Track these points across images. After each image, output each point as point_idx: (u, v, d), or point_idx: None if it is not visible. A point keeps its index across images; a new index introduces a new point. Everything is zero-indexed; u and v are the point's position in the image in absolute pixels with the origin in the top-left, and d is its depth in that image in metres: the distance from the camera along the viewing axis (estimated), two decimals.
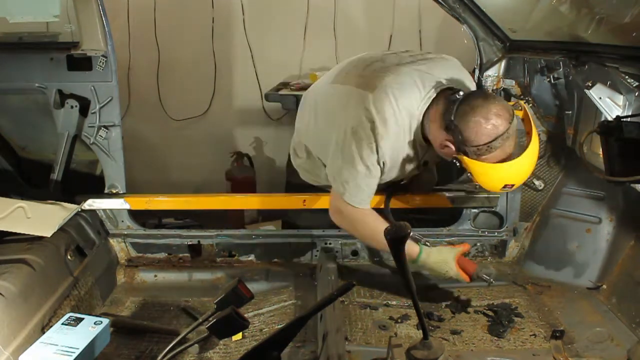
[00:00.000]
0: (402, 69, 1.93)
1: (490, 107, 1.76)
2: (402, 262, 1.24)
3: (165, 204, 2.51)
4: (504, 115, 1.76)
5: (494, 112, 1.75)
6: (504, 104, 1.81)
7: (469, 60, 2.49)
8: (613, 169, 1.74)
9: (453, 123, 1.78)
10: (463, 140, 1.78)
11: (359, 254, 2.39)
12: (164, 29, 3.98)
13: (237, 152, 4.02)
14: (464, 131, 1.77)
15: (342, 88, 1.99)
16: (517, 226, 2.41)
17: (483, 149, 1.77)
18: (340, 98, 1.98)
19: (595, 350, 1.77)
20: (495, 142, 1.76)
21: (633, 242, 2.03)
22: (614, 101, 1.79)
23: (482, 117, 1.75)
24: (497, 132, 1.75)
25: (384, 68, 1.95)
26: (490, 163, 1.80)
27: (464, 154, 1.81)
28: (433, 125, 1.87)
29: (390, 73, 1.91)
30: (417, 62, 1.98)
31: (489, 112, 1.75)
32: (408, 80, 1.89)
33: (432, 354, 1.28)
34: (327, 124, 2.04)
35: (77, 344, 1.72)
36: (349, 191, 1.93)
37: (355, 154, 1.88)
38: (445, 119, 1.81)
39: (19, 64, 2.23)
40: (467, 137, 1.77)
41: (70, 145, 2.32)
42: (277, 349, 1.33)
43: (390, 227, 1.21)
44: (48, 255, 1.97)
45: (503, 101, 1.84)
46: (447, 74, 1.96)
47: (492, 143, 1.76)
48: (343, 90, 1.98)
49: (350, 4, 4.00)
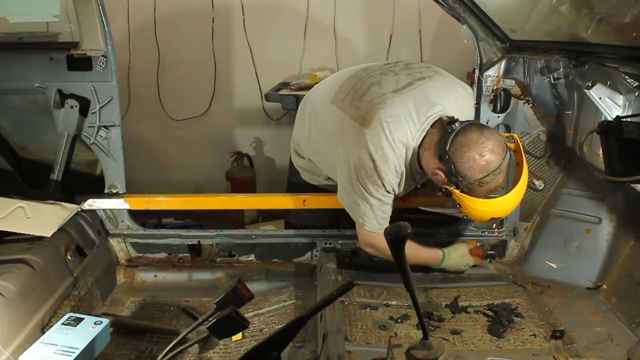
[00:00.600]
0: (397, 97, 1.91)
1: (486, 142, 1.77)
2: (402, 262, 1.24)
3: (165, 204, 2.51)
4: (498, 152, 1.77)
5: (489, 149, 1.76)
6: (499, 138, 1.81)
7: (469, 60, 2.49)
8: (613, 169, 1.74)
9: (447, 154, 1.79)
10: (455, 172, 1.80)
11: (359, 254, 2.39)
12: (164, 29, 3.98)
13: (237, 152, 4.02)
14: (457, 164, 1.78)
15: (339, 113, 1.99)
16: (517, 226, 2.41)
17: (475, 184, 1.80)
18: (337, 123, 1.99)
19: (595, 350, 1.77)
20: (487, 177, 1.78)
21: (633, 242, 2.03)
22: (614, 101, 1.79)
23: (477, 153, 1.76)
24: (489, 169, 1.77)
25: (380, 97, 1.92)
26: (480, 198, 1.83)
27: (454, 186, 1.83)
28: (427, 153, 1.88)
29: (386, 105, 1.89)
30: (413, 85, 1.95)
31: (483, 148, 1.76)
32: (403, 111, 1.88)
33: (432, 354, 1.27)
34: (327, 142, 2.06)
35: (77, 344, 1.72)
36: (369, 221, 1.99)
37: (364, 191, 1.93)
38: (440, 148, 1.82)
39: (19, 64, 2.23)
40: (459, 170, 1.79)
41: (70, 145, 2.32)
42: (277, 349, 1.33)
43: (390, 227, 1.21)
44: (48, 255, 1.97)
45: (498, 135, 1.84)
46: (444, 95, 1.95)
47: (484, 179, 1.78)
48: (340, 116, 1.98)
49: (350, 4, 4.00)
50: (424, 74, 2.02)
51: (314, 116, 2.14)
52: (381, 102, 1.91)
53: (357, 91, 2.00)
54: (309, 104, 2.22)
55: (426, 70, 2.04)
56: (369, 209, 1.96)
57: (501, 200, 1.89)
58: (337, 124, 1.99)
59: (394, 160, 1.89)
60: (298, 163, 2.34)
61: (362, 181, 1.91)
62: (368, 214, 1.97)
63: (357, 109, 1.94)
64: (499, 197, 1.89)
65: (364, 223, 2.00)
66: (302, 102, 2.30)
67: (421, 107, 1.89)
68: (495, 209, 1.90)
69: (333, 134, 2.03)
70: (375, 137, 1.86)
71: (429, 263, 2.20)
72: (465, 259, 2.22)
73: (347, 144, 1.94)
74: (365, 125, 1.88)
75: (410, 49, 4.00)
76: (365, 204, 1.95)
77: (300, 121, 2.26)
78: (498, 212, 1.94)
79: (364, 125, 1.88)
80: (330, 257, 2.30)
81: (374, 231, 1.99)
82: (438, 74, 2.05)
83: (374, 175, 1.89)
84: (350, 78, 2.09)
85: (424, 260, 2.18)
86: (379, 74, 2.05)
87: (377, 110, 1.89)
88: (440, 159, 1.82)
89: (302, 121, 2.23)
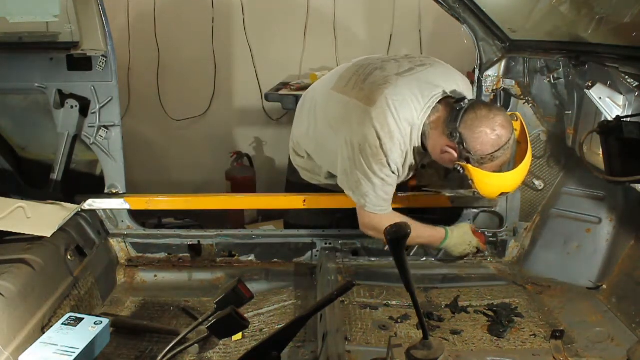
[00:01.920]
0: (401, 80, 1.95)
1: (496, 118, 1.84)
2: (402, 262, 1.24)
3: (165, 204, 2.51)
4: (507, 127, 1.85)
5: (499, 123, 1.83)
6: (506, 115, 1.89)
7: (469, 60, 2.49)
8: (613, 169, 1.74)
9: (457, 131, 1.83)
10: (467, 148, 1.84)
11: (359, 253, 2.39)
12: (164, 29, 3.98)
13: (237, 152, 4.03)
14: (469, 140, 1.83)
15: (342, 98, 2.01)
16: (517, 226, 2.41)
17: (487, 159, 1.85)
18: (340, 108, 2.00)
19: (595, 350, 1.77)
20: (498, 152, 1.84)
21: (633, 242, 2.03)
22: (614, 101, 1.79)
23: (489, 128, 1.82)
24: (500, 143, 1.83)
25: (384, 78, 1.96)
26: (489, 172, 1.88)
27: (466, 162, 1.87)
28: (434, 132, 1.91)
29: (390, 85, 1.92)
30: (415, 70, 2.00)
31: (494, 123, 1.83)
32: (407, 92, 1.91)
33: (432, 354, 1.28)
34: (328, 131, 2.06)
35: (77, 344, 1.72)
36: (370, 202, 1.98)
37: (367, 170, 1.92)
38: (449, 127, 1.85)
39: (19, 64, 2.23)
40: (472, 146, 1.83)
41: (70, 145, 2.32)
42: (277, 349, 1.34)
43: (390, 227, 1.21)
44: (48, 255, 1.97)
45: (505, 112, 1.92)
46: (445, 80, 1.99)
47: (496, 153, 1.84)
48: (343, 101, 2.00)
49: (350, 4, 4.01)
50: (424, 62, 2.07)
51: (313, 109, 2.15)
52: (385, 83, 1.93)
53: (360, 76, 2.02)
54: (308, 102, 2.23)
55: (426, 59, 2.10)
56: (372, 189, 1.95)
57: (512, 173, 1.95)
58: (340, 108, 2.00)
59: (400, 139, 1.90)
60: (297, 162, 2.34)
61: (366, 160, 1.90)
62: (370, 194, 1.96)
63: (361, 90, 1.96)
64: (509, 171, 1.95)
65: (365, 204, 1.98)
66: (300, 102, 2.31)
67: (425, 88, 1.93)
68: (506, 182, 1.96)
69: (334, 119, 2.03)
70: (382, 115, 1.88)
71: (432, 242, 2.18)
72: (468, 237, 2.18)
73: (351, 125, 1.94)
74: (371, 104, 1.89)
75: (410, 49, 4.00)
76: (368, 183, 1.94)
77: (299, 119, 2.27)
78: (508, 187, 1.99)
79: (369, 104, 1.90)
80: (330, 257, 2.30)
81: (375, 212, 1.99)
82: (438, 62, 2.10)
83: (379, 153, 1.89)
84: (352, 66, 2.12)
85: (426, 239, 2.16)
86: (380, 61, 2.08)
87: (382, 90, 1.91)
88: (451, 136, 1.85)
89: (301, 118, 2.24)
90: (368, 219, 2.03)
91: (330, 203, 2.29)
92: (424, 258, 2.39)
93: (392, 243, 1.22)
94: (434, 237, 2.16)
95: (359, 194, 1.98)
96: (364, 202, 1.98)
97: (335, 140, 2.00)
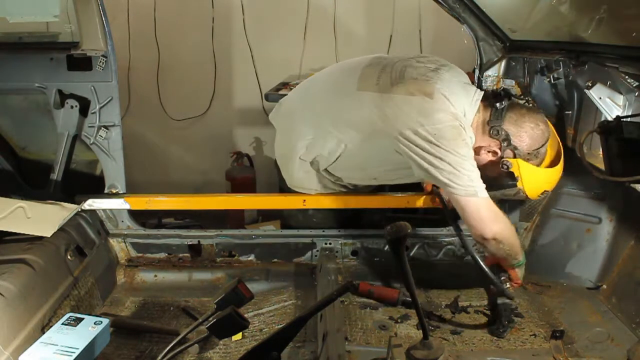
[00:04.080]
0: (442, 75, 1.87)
1: (537, 114, 1.90)
2: (403, 262, 1.24)
3: (165, 204, 2.51)
4: (546, 123, 1.92)
5: (541, 119, 1.90)
6: (542, 112, 1.95)
7: (469, 60, 2.49)
8: (613, 169, 1.74)
9: (502, 129, 1.86)
10: (514, 145, 1.87)
11: (359, 254, 2.39)
12: (164, 29, 3.98)
13: (237, 152, 4.03)
14: (515, 135, 1.86)
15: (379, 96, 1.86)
16: (517, 226, 2.40)
17: (533, 154, 1.89)
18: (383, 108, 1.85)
19: (595, 350, 1.77)
20: (543, 147, 1.90)
21: (633, 242, 2.03)
22: (614, 101, 1.80)
23: (533, 123, 1.88)
24: (545, 138, 1.90)
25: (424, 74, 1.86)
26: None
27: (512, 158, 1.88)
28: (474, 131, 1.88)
29: (438, 79, 1.84)
30: (441, 69, 1.93)
31: (537, 119, 1.89)
32: (455, 87, 1.86)
33: (432, 354, 1.28)
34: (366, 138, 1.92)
35: (77, 344, 1.72)
36: (479, 186, 1.76)
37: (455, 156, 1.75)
38: (493, 125, 1.87)
39: (19, 64, 2.23)
40: (519, 142, 1.87)
41: (70, 145, 2.32)
42: (277, 349, 1.34)
43: (391, 227, 1.21)
44: (48, 255, 1.97)
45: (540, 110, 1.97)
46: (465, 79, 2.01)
47: (541, 149, 1.90)
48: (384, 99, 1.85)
49: (350, 4, 4.01)
50: (441, 61, 2.00)
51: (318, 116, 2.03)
52: (430, 78, 1.85)
53: (392, 73, 1.90)
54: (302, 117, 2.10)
55: (440, 59, 2.03)
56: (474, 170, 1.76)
57: (557, 169, 1.98)
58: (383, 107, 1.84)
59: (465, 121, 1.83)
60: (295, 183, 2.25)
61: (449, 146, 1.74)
62: (474, 177, 1.75)
63: (406, 85, 1.83)
64: (553, 167, 1.97)
65: (476, 191, 1.74)
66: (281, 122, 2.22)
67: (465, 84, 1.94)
68: (552, 177, 1.99)
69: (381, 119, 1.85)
70: (444, 105, 1.79)
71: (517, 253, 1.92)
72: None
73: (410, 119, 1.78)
74: (428, 96, 1.79)
75: (410, 49, 3.99)
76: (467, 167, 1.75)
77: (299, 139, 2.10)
78: (551, 183, 2.01)
79: (427, 95, 1.78)
80: (330, 257, 2.30)
81: (487, 196, 1.77)
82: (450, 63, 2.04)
83: (460, 132, 1.75)
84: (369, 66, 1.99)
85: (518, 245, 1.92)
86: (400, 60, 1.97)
87: (432, 84, 1.82)
88: (497, 135, 1.87)
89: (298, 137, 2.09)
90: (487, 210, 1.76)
91: (330, 203, 2.29)
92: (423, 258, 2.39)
93: (392, 243, 1.22)
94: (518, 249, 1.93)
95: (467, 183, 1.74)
96: (473, 190, 1.74)
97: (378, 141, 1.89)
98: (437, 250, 2.33)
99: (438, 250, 2.34)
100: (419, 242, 2.35)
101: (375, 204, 2.30)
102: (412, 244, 2.36)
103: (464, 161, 1.76)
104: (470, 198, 1.76)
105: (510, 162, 1.89)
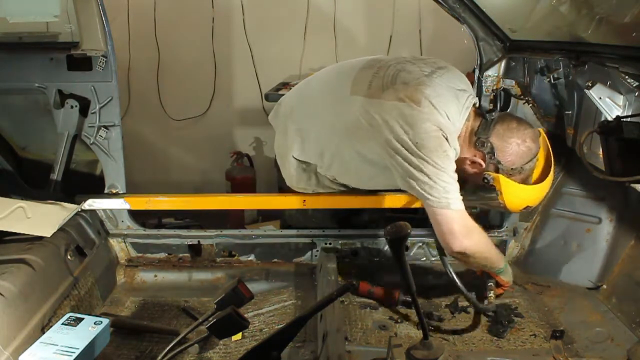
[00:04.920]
0: (434, 80, 1.84)
1: (526, 130, 1.87)
2: (402, 262, 1.24)
3: (165, 204, 2.51)
4: (535, 140, 1.88)
5: (529, 136, 1.86)
6: (534, 129, 1.91)
7: (469, 60, 2.49)
8: (613, 169, 1.75)
9: (488, 141, 1.84)
10: (497, 159, 1.85)
11: (359, 254, 2.39)
12: (164, 29, 3.99)
13: (237, 152, 4.03)
14: (500, 150, 1.84)
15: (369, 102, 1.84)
16: (517, 226, 2.41)
17: (517, 170, 1.86)
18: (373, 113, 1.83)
19: (595, 350, 1.77)
20: (527, 164, 1.87)
21: (633, 242, 2.03)
22: (614, 101, 1.79)
23: (520, 139, 1.85)
24: (531, 155, 1.87)
25: (416, 80, 1.83)
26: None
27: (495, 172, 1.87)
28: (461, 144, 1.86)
29: (427, 85, 1.81)
30: (437, 72, 1.90)
31: (525, 135, 1.86)
32: (444, 92, 1.82)
33: (432, 354, 1.28)
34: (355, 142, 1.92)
35: (77, 344, 1.72)
36: (454, 198, 1.74)
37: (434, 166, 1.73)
38: (480, 136, 1.86)
39: (19, 64, 2.23)
40: (503, 157, 1.85)
41: (70, 145, 2.32)
42: (277, 349, 1.34)
43: (390, 227, 1.21)
44: (48, 255, 1.97)
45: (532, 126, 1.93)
46: (465, 83, 1.97)
47: (525, 165, 1.87)
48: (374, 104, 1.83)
49: (350, 4, 4.01)
50: (438, 64, 1.96)
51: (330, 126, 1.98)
52: (421, 84, 1.81)
53: (384, 77, 1.88)
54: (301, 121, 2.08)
55: (438, 61, 1.99)
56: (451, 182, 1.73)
57: (540, 187, 1.96)
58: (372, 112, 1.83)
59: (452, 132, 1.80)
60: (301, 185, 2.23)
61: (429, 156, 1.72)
62: (450, 189, 1.72)
63: (396, 90, 1.81)
64: (537, 184, 1.96)
65: (449, 203, 1.71)
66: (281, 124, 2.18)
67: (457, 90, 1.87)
68: (533, 195, 1.97)
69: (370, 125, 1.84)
70: (431, 114, 1.76)
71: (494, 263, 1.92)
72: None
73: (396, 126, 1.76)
74: (415, 103, 1.76)
75: (410, 49, 4.00)
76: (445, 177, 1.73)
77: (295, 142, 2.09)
78: (534, 199, 2.00)
79: (414, 103, 1.76)
80: (330, 257, 2.30)
81: (459, 208, 1.74)
82: (448, 65, 2.01)
83: (441, 142, 1.73)
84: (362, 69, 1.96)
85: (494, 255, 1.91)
86: (394, 63, 1.94)
87: (421, 90, 1.78)
88: (482, 146, 1.85)
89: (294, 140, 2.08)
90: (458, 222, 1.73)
91: (330, 203, 2.29)
92: (423, 258, 2.38)
93: (392, 243, 1.22)
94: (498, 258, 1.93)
95: (442, 195, 1.72)
96: (446, 201, 1.72)
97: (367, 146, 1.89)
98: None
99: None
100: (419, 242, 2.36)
101: (375, 204, 2.30)
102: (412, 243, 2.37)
103: (442, 172, 1.73)
104: (443, 210, 1.73)
105: (492, 176, 1.86)
